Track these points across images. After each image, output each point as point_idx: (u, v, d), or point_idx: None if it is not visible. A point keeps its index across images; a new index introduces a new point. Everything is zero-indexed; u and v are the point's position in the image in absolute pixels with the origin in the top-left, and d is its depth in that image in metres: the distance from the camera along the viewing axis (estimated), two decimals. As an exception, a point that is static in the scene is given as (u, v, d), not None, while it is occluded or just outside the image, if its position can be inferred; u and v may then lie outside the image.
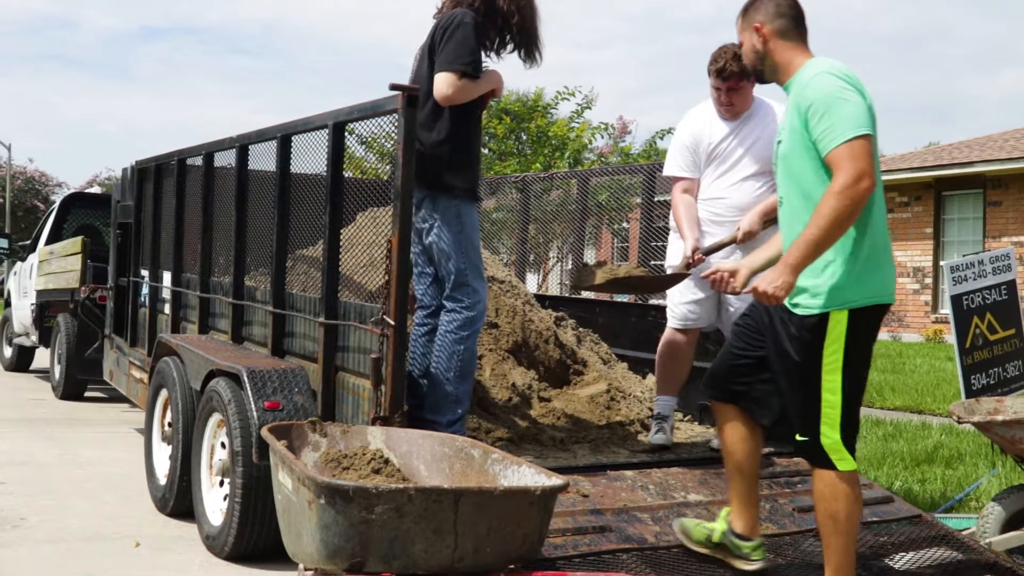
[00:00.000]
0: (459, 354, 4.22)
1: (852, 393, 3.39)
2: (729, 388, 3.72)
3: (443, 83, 4.10)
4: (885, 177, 18.64)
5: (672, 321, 4.88)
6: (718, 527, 3.71)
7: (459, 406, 4.26)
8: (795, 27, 3.54)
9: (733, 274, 3.66)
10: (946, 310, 6.56)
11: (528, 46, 4.42)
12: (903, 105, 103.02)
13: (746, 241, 4.54)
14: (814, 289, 3.36)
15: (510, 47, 4.43)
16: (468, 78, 4.14)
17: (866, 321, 3.39)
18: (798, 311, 3.39)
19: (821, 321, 3.34)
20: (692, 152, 4.78)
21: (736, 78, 4.56)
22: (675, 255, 4.84)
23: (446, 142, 4.19)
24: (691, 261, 4.62)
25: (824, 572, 3.47)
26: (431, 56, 4.22)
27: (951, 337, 5.65)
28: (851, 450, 3.40)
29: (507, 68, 4.55)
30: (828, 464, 3.39)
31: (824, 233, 3.21)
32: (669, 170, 4.90)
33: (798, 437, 3.43)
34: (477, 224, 4.33)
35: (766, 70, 3.59)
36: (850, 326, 3.35)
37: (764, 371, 3.61)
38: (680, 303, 4.82)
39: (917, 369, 12.74)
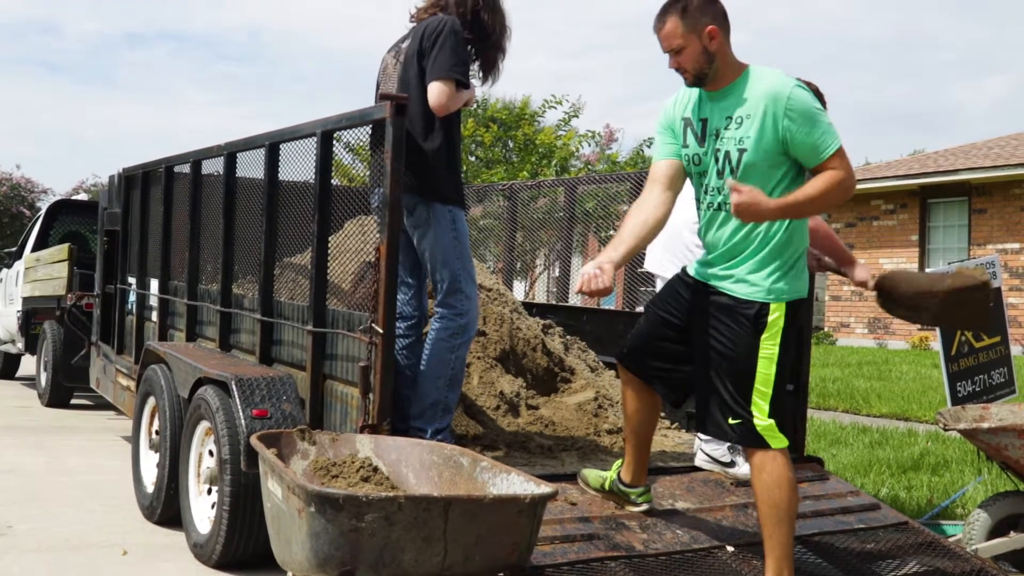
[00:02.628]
0: (451, 363, 4.22)
1: (782, 381, 3.54)
2: (648, 369, 3.80)
3: (441, 93, 4.11)
4: (871, 185, 18.77)
5: None
6: (610, 476, 4.03)
7: (448, 414, 4.26)
8: (729, 30, 3.55)
9: (600, 270, 3.42)
10: (932, 317, 6.54)
11: (492, 66, 4.46)
12: (888, 113, 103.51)
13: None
14: (756, 281, 3.50)
15: (477, 63, 4.44)
16: (463, 87, 4.17)
17: (796, 313, 3.57)
18: (739, 295, 3.51)
19: (761, 311, 3.49)
20: None
21: None
22: None
23: (440, 149, 4.21)
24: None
25: (766, 565, 3.51)
26: (419, 62, 4.22)
27: (937, 344, 5.69)
28: (782, 429, 3.53)
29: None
30: (762, 444, 3.50)
31: (813, 204, 3.43)
32: None
33: (730, 421, 3.51)
34: (467, 231, 4.34)
35: (712, 73, 3.51)
36: (787, 318, 3.51)
37: (684, 361, 3.72)
38: None
39: (903, 376, 12.79)
